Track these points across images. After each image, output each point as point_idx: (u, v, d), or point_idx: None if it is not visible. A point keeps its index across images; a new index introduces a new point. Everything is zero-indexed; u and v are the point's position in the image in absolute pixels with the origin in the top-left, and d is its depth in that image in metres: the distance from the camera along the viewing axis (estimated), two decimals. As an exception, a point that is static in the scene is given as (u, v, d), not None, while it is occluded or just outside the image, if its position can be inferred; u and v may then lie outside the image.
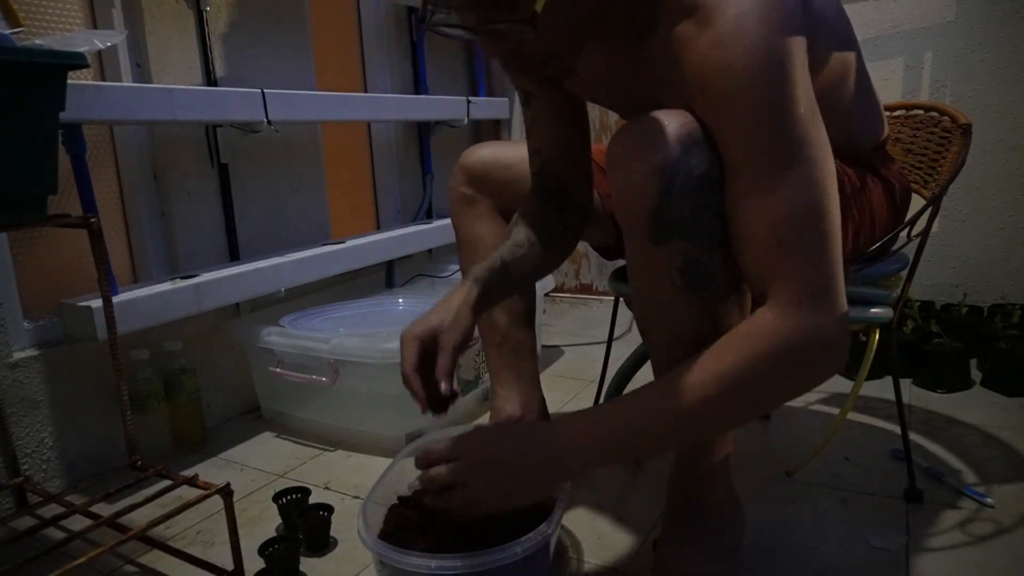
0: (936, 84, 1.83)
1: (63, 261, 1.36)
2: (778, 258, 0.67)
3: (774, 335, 0.66)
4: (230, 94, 1.41)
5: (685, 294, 0.73)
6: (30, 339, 1.26)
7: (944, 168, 1.11)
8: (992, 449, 1.24)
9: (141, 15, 1.40)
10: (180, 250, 1.50)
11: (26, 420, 1.22)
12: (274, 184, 1.70)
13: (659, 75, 0.75)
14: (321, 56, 1.81)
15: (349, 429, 1.46)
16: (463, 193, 1.09)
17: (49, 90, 0.91)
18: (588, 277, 2.47)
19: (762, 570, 0.94)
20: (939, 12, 1.79)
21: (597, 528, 1.07)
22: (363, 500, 0.89)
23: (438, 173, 2.25)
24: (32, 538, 1.05)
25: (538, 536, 0.78)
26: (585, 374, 1.76)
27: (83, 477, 1.30)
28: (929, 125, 1.18)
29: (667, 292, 0.74)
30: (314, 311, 1.63)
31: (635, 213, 0.71)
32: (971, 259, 1.86)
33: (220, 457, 1.41)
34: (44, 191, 0.95)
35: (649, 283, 0.76)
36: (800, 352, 0.66)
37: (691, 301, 0.73)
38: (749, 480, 1.17)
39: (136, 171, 1.44)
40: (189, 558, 0.99)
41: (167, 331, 1.41)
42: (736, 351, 0.68)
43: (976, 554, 0.95)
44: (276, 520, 1.14)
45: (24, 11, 1.25)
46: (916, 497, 1.08)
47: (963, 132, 1.07)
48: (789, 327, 0.66)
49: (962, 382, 1.53)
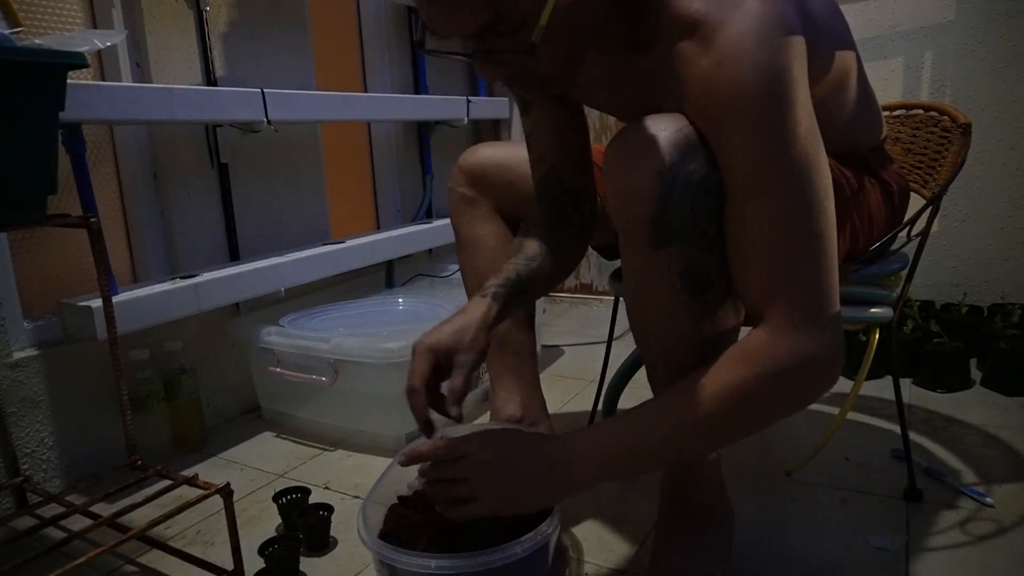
0: (936, 84, 1.83)
1: (63, 261, 1.36)
2: (775, 280, 0.68)
3: (770, 357, 0.67)
4: (230, 94, 1.41)
5: (685, 298, 0.73)
6: (30, 339, 1.26)
7: (944, 168, 1.11)
8: (992, 449, 1.24)
9: (141, 15, 1.40)
10: (180, 250, 1.50)
11: (26, 420, 1.22)
12: (274, 184, 1.70)
13: (660, 87, 0.75)
14: (321, 56, 1.81)
15: (349, 429, 1.46)
16: (463, 194, 1.10)
17: (49, 90, 0.91)
18: (588, 277, 2.47)
19: (762, 569, 0.94)
20: (939, 12, 1.79)
21: (597, 528, 1.07)
22: (363, 500, 0.89)
23: (438, 173, 2.25)
24: (32, 538, 1.05)
25: (538, 536, 0.78)
26: (585, 374, 1.76)
27: (83, 477, 1.30)
28: (929, 125, 1.18)
29: (666, 297, 0.74)
30: (314, 311, 1.63)
31: (634, 219, 0.72)
32: (971, 259, 1.86)
33: (220, 457, 1.41)
34: (44, 191, 0.95)
35: (648, 288, 0.76)
36: (795, 374, 0.67)
37: (691, 305, 0.74)
38: (749, 480, 1.17)
39: (136, 171, 1.44)
40: (189, 558, 0.99)
41: (167, 331, 1.41)
42: (732, 371, 0.69)
43: (976, 554, 0.95)
44: (276, 520, 1.14)
45: (24, 11, 1.25)
46: (916, 496, 1.08)
47: (963, 132, 1.07)
48: (785, 349, 0.67)
49: (962, 382, 1.53)
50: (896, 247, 1.03)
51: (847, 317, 1.01)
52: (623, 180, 0.72)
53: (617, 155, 0.72)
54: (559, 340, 2.08)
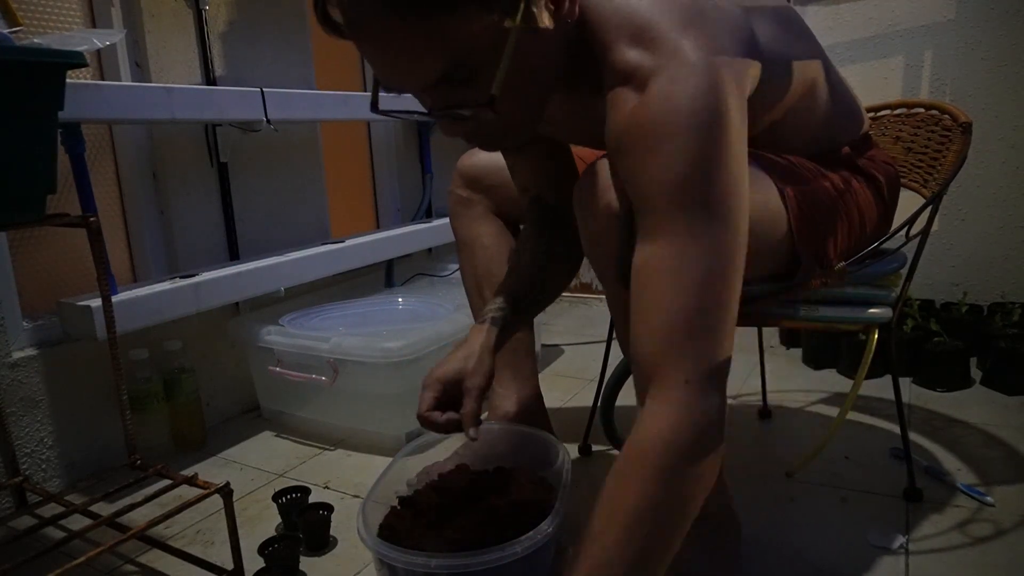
0: (936, 83, 1.83)
1: (62, 260, 1.36)
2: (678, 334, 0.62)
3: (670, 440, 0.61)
4: (229, 93, 1.40)
5: None
6: (29, 339, 1.26)
7: (944, 167, 1.11)
8: (992, 448, 1.24)
9: (140, 14, 1.39)
10: (179, 249, 1.50)
11: (25, 420, 1.22)
12: (273, 183, 1.69)
13: None
14: (320, 55, 1.81)
15: (349, 428, 1.46)
16: (460, 196, 1.12)
17: (48, 89, 0.91)
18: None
19: (762, 569, 0.94)
20: (939, 11, 1.79)
21: (597, 527, 1.07)
22: (363, 499, 0.89)
23: (438, 172, 2.24)
24: (32, 537, 1.05)
25: (538, 535, 0.78)
26: (584, 373, 1.76)
27: (82, 476, 1.30)
28: (930, 124, 1.18)
29: None
30: (314, 310, 1.63)
31: (602, 258, 0.73)
32: (971, 257, 1.86)
33: (220, 456, 1.41)
34: (43, 190, 0.95)
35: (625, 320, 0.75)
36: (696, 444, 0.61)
37: None
38: (749, 480, 1.17)
39: (135, 170, 1.44)
40: (189, 557, 0.99)
41: (167, 330, 1.40)
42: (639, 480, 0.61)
43: (976, 553, 0.95)
44: (276, 519, 1.14)
45: (23, 10, 1.25)
46: (916, 496, 1.08)
47: (963, 131, 1.07)
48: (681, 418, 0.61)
49: (962, 381, 1.53)
50: (895, 247, 1.03)
51: (847, 317, 1.01)
52: (589, 222, 0.73)
53: (582, 197, 0.73)
54: (559, 339, 2.08)
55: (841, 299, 1.00)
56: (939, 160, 1.13)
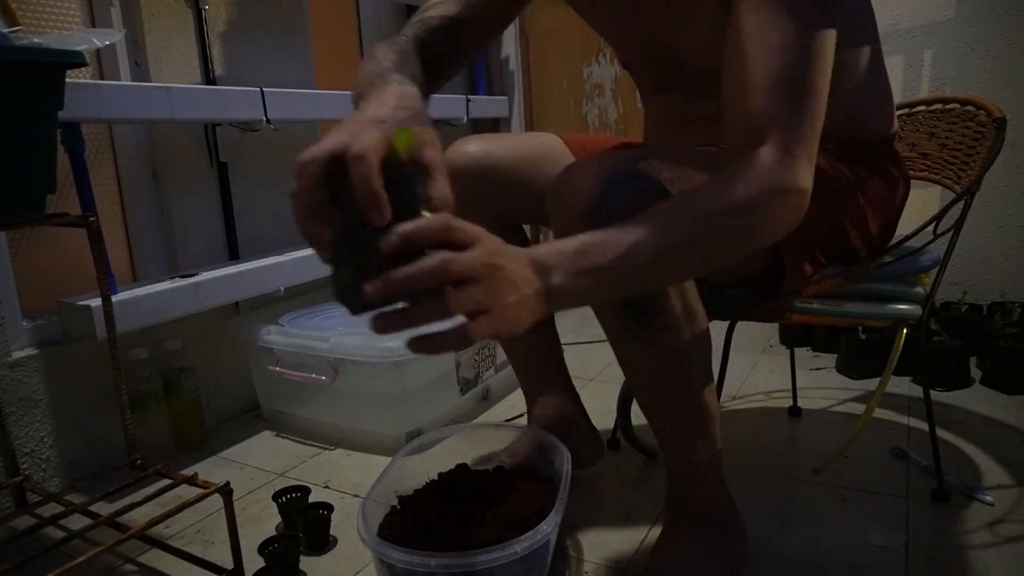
0: (936, 82, 1.83)
1: (62, 260, 1.36)
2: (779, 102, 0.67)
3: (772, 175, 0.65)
4: (229, 93, 1.40)
5: (632, 330, 0.77)
6: (29, 338, 1.26)
7: (976, 163, 1.09)
8: (992, 448, 1.24)
9: (140, 14, 1.39)
10: (179, 249, 1.50)
11: (25, 419, 1.22)
12: (273, 183, 1.69)
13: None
14: (320, 55, 1.81)
15: (349, 428, 1.46)
16: None
17: (47, 89, 0.91)
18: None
19: (762, 568, 0.94)
20: (939, 10, 1.79)
21: (597, 528, 1.07)
22: (363, 499, 0.89)
23: (437, 172, 2.24)
24: (31, 537, 1.05)
25: (538, 535, 0.78)
26: (585, 372, 1.76)
27: (82, 476, 1.30)
28: (965, 119, 1.16)
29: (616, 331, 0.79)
30: (314, 310, 1.63)
31: None
32: (971, 257, 1.86)
33: (220, 456, 1.41)
34: (43, 190, 0.95)
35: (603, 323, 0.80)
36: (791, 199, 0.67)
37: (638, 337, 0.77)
38: (749, 479, 1.17)
39: (135, 170, 1.44)
40: (189, 557, 0.99)
41: (166, 330, 1.40)
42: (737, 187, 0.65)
43: (976, 552, 0.95)
44: (276, 519, 1.14)
45: (22, 10, 1.25)
46: (944, 497, 1.07)
47: (997, 126, 1.06)
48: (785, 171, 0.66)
49: (962, 380, 1.52)
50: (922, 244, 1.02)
51: (874, 313, 0.99)
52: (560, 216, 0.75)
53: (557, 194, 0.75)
54: (559, 339, 2.07)
55: (868, 294, 1.00)
56: (972, 156, 1.12)
